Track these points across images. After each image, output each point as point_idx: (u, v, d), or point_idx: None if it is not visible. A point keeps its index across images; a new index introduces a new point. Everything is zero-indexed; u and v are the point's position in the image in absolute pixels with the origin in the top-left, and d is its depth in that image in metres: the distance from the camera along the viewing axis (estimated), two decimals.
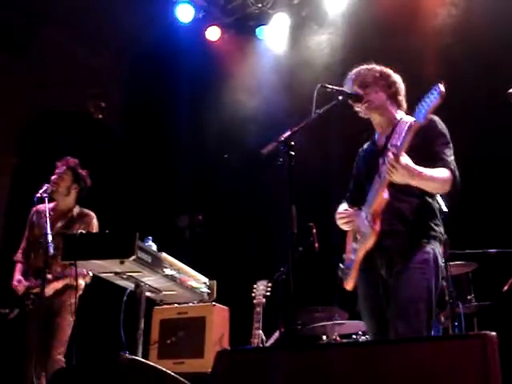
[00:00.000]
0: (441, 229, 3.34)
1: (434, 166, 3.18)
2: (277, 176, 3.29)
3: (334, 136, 6.84)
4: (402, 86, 3.57)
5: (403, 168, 3.00)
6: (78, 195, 5.33)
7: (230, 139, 7.87)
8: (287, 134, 3.27)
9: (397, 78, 3.58)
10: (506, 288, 5.37)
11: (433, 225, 3.29)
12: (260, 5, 8.08)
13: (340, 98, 3.46)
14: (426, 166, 3.14)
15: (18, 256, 5.23)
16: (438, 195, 3.41)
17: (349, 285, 3.41)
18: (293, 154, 3.23)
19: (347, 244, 3.51)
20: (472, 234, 5.71)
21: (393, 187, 3.16)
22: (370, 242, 3.22)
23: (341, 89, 3.51)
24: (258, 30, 8.23)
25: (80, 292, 5.10)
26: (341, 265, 3.51)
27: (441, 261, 3.27)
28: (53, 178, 5.19)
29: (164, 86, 8.39)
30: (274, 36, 8.18)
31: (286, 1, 8.01)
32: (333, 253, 6.09)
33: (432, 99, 2.83)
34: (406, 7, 6.82)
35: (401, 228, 3.25)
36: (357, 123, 3.71)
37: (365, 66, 3.58)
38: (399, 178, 3.05)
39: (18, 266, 5.18)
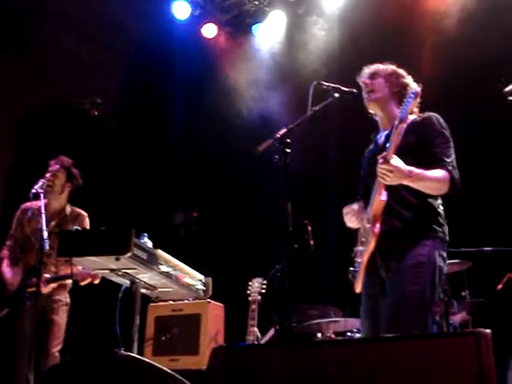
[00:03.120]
0: (444, 228, 3.30)
1: (432, 167, 3.17)
2: (272, 173, 3.30)
3: (329, 133, 6.84)
4: (410, 88, 3.49)
5: (395, 170, 3.01)
6: (70, 194, 5.36)
7: (226, 136, 7.86)
8: (283, 131, 3.27)
9: (409, 81, 3.54)
10: (500, 286, 5.39)
11: (434, 225, 3.26)
12: (256, 2, 8.09)
13: (336, 95, 3.46)
14: (425, 168, 3.14)
15: (4, 253, 5.16)
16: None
17: (357, 287, 3.40)
18: (288, 151, 3.23)
19: (356, 246, 3.50)
20: (467, 232, 5.72)
21: (392, 188, 3.16)
22: (371, 245, 3.23)
23: (337, 86, 3.51)
24: (254, 27, 8.24)
25: (69, 287, 5.13)
26: (351, 268, 3.49)
27: (439, 261, 3.19)
28: (47, 175, 5.18)
29: (160, 83, 8.39)
30: (271, 33, 8.17)
31: None
32: (328, 250, 6.16)
33: (410, 98, 3.03)
34: (402, 5, 6.82)
35: (399, 227, 3.24)
36: (353, 120, 3.71)
37: (382, 64, 3.59)
38: (393, 180, 3.05)
39: (6, 262, 5.10)
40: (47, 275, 4.90)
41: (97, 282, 4.78)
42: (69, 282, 5.05)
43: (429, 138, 3.26)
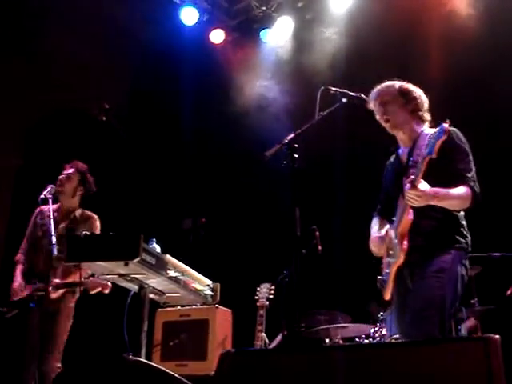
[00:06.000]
0: (467, 239, 3.41)
1: (454, 184, 3.25)
2: (280, 178, 3.30)
3: (337, 137, 6.83)
4: (422, 100, 3.57)
5: (422, 195, 3.11)
6: (81, 198, 5.34)
7: (234, 142, 7.87)
8: (291, 136, 3.27)
9: (417, 92, 3.57)
10: (509, 292, 5.36)
11: (458, 237, 3.37)
12: (264, 8, 8.11)
13: (344, 100, 3.47)
14: (447, 184, 3.22)
15: (20, 257, 5.16)
16: None
17: (387, 295, 3.52)
18: (296, 156, 3.24)
19: (383, 257, 3.60)
20: (476, 237, 5.69)
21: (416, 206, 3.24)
22: (400, 260, 3.33)
23: (344, 91, 3.52)
24: (261, 32, 8.25)
25: (77, 295, 5.06)
26: (379, 277, 3.61)
27: (460, 270, 3.30)
28: (60, 177, 5.20)
29: (168, 89, 8.40)
30: (278, 39, 8.19)
31: (290, 4, 8.03)
32: (336, 256, 6.14)
33: (439, 135, 3.02)
34: (409, 11, 6.81)
35: (422, 243, 3.33)
36: (360, 125, 3.71)
37: (384, 84, 3.60)
38: (420, 203, 3.16)
39: (20, 268, 5.09)
40: (56, 280, 4.88)
41: (107, 291, 4.70)
42: (77, 289, 5.03)
43: (449, 153, 3.29)
